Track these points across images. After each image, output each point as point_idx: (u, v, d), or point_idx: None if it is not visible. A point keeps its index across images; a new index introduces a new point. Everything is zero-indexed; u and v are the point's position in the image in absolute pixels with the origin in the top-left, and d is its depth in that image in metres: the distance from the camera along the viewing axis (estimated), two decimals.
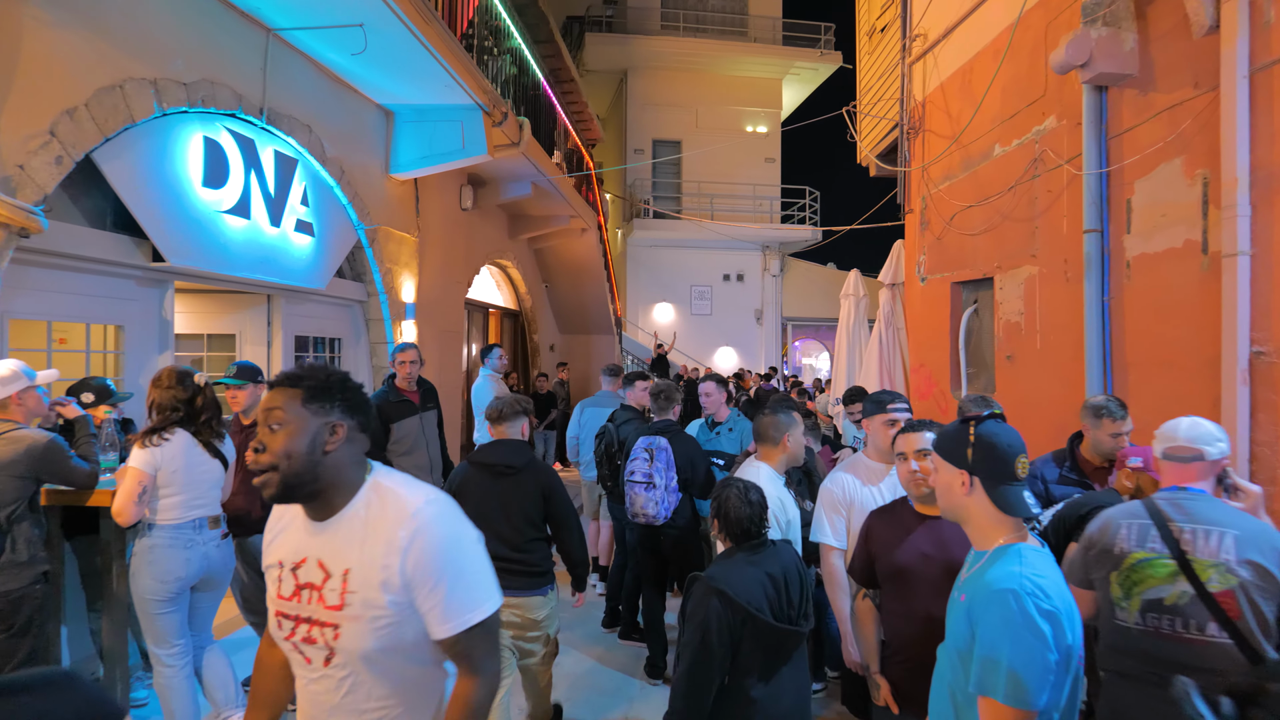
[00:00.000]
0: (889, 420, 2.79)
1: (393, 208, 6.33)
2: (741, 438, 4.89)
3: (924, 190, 7.12)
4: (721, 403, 4.97)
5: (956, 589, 1.81)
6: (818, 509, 2.91)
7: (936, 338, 6.81)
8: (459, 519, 1.46)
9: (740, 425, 4.89)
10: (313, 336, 5.68)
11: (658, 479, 4.19)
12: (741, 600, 2.18)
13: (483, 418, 6.07)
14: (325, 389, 1.43)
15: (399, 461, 4.33)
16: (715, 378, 5.02)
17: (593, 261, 12.27)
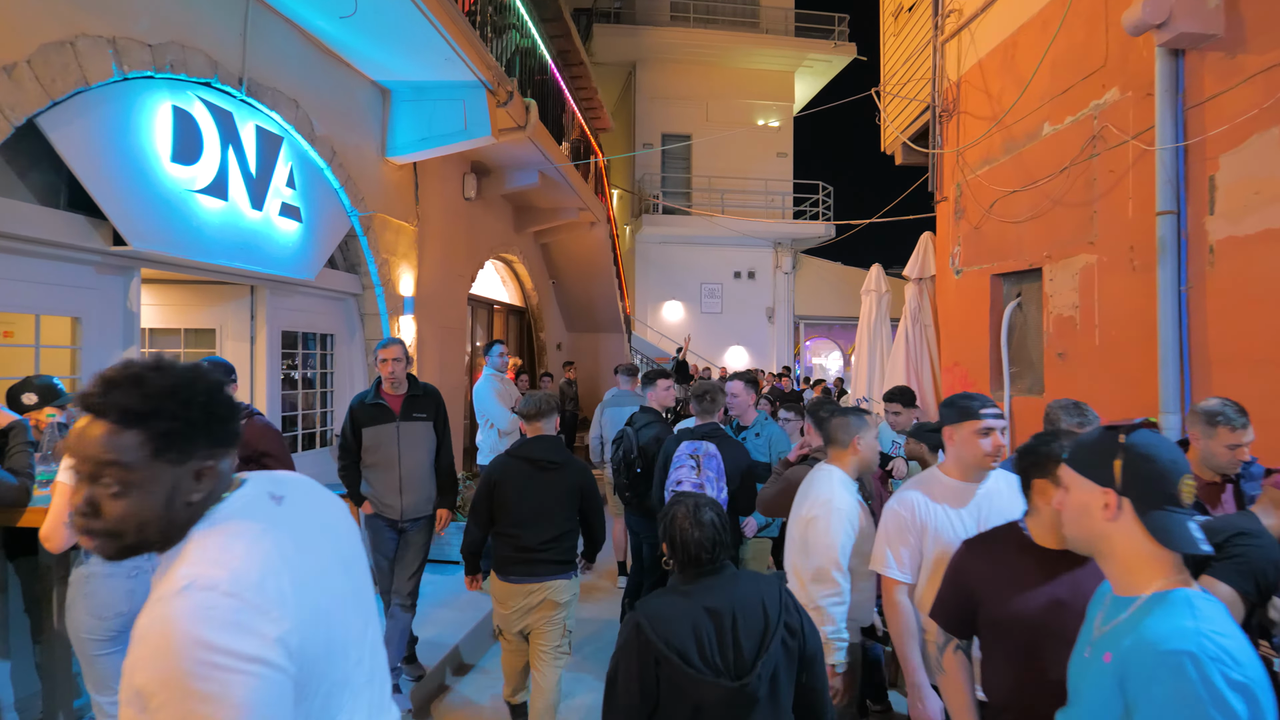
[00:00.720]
0: (982, 430, 2.30)
1: (390, 194, 5.88)
2: (771, 444, 4.42)
3: (959, 176, 6.64)
4: (749, 405, 4.50)
5: (1088, 642, 1.37)
6: (879, 534, 2.44)
7: (973, 334, 6.33)
8: (226, 625, 0.93)
9: (769, 430, 4.43)
10: (302, 332, 5.24)
11: (710, 490, 3.69)
12: (654, 636, 1.76)
13: (482, 421, 5.63)
14: (185, 428, 1.01)
15: (366, 474, 3.91)
16: (744, 376, 4.55)
17: (602, 257, 11.81)
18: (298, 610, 1.01)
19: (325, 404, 5.62)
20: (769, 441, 4.41)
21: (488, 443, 5.47)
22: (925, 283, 8.31)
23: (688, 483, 3.70)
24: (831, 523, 2.64)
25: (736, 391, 4.44)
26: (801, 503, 2.86)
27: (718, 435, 3.93)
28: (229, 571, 0.96)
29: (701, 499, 2.01)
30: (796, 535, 2.84)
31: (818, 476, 2.83)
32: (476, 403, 5.48)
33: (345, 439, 3.90)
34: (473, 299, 9.15)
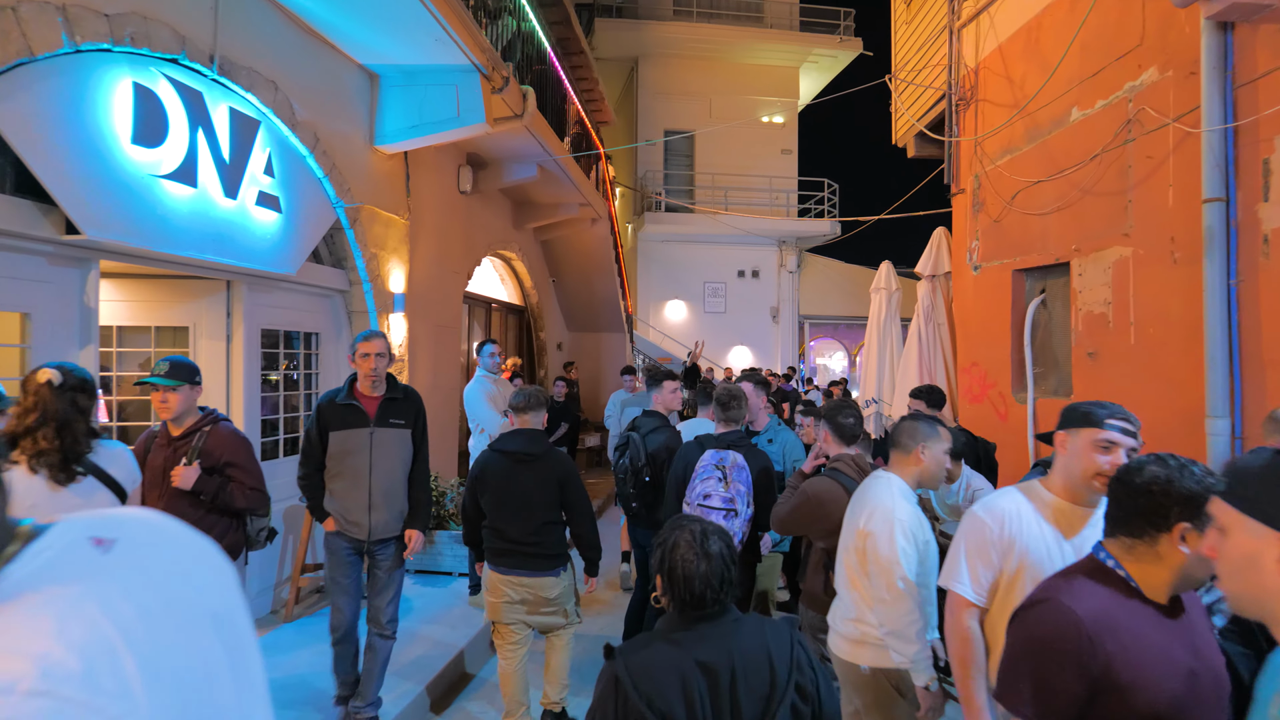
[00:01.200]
0: (1102, 442, 1.85)
1: (378, 185, 5.58)
2: (785, 451, 4.10)
3: (977, 168, 6.32)
4: (760, 408, 4.18)
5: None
6: (955, 545, 2.10)
7: (993, 333, 6.01)
8: None
9: (783, 436, 4.11)
10: (284, 330, 4.94)
11: (740, 504, 3.40)
12: (635, 694, 1.47)
13: (474, 425, 5.33)
14: None
15: (331, 486, 3.45)
16: (752, 377, 4.23)
17: (603, 254, 11.51)
18: (150, 701, 0.68)
19: (309, 407, 5.32)
20: (783, 449, 4.10)
21: (479, 448, 5.17)
22: (939, 280, 8.01)
23: (716, 496, 3.40)
24: (895, 535, 2.35)
25: (746, 394, 4.13)
26: (856, 515, 2.56)
27: (744, 445, 3.62)
28: (34, 661, 0.64)
29: (710, 526, 1.70)
30: (853, 555, 2.53)
31: (875, 486, 2.52)
32: (467, 406, 5.18)
33: (309, 443, 3.44)
34: (469, 297, 8.85)
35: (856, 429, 3.26)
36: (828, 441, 3.26)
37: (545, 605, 3.38)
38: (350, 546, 3.46)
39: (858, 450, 3.27)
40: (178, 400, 3.03)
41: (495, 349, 5.26)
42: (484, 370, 5.24)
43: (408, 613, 4.96)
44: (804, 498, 3.09)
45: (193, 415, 3.10)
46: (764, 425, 4.14)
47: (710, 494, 3.41)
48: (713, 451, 3.55)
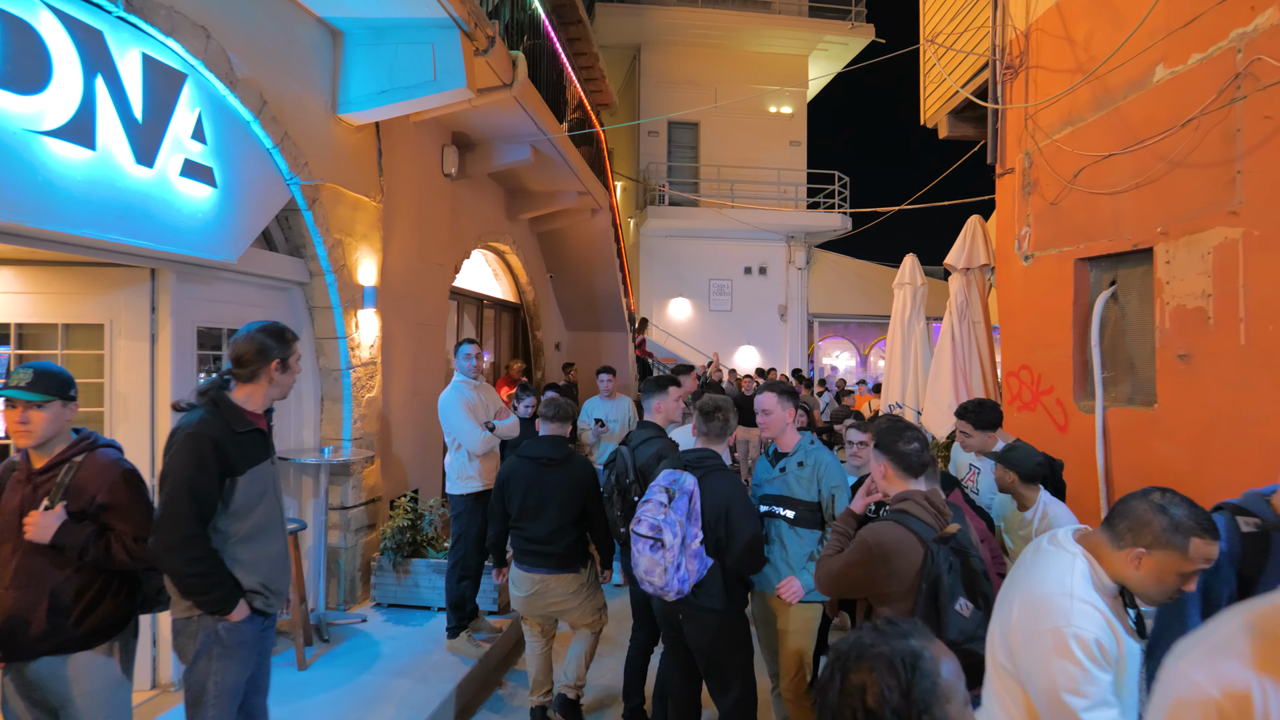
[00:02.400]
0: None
1: (344, 161, 4.83)
2: (820, 477, 3.28)
3: (1028, 144, 5.57)
4: (787, 423, 3.38)
5: None
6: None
7: (1049, 332, 5.26)
8: None
9: (816, 458, 3.29)
10: (227, 329, 4.19)
11: (668, 534, 2.81)
12: None
13: (450, 440, 4.56)
14: None
15: (240, 551, 2.38)
16: (779, 386, 3.42)
17: (604, 248, 10.76)
18: None
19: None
20: (816, 473, 3.27)
21: (456, 466, 4.41)
22: (973, 273, 7.27)
23: (647, 521, 2.84)
24: (1066, 657, 1.55)
25: (769, 407, 3.28)
26: (1013, 592, 1.77)
27: (705, 465, 2.98)
28: None
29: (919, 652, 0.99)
30: (1000, 652, 1.76)
31: (1052, 562, 1.71)
32: (442, 417, 4.42)
33: (197, 497, 2.29)
34: (457, 293, 8.11)
35: (923, 456, 2.48)
36: (888, 478, 2.49)
37: (566, 601, 3.61)
38: (261, 632, 2.48)
39: (927, 484, 2.50)
40: (43, 421, 2.29)
41: (473, 349, 4.49)
42: (461, 375, 4.48)
43: (373, 661, 4.22)
44: (864, 550, 2.33)
45: (63, 441, 2.35)
46: (793, 445, 3.34)
47: (641, 518, 2.88)
48: (668, 471, 2.99)
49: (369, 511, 5.18)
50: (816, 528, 3.16)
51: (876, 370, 19.58)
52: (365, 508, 5.13)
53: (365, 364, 5.08)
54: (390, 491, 5.60)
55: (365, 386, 5.09)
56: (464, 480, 4.42)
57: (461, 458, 4.39)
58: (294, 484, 4.77)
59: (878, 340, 19.30)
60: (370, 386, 5.15)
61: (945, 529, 2.29)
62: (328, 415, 4.94)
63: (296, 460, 4.43)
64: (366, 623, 4.76)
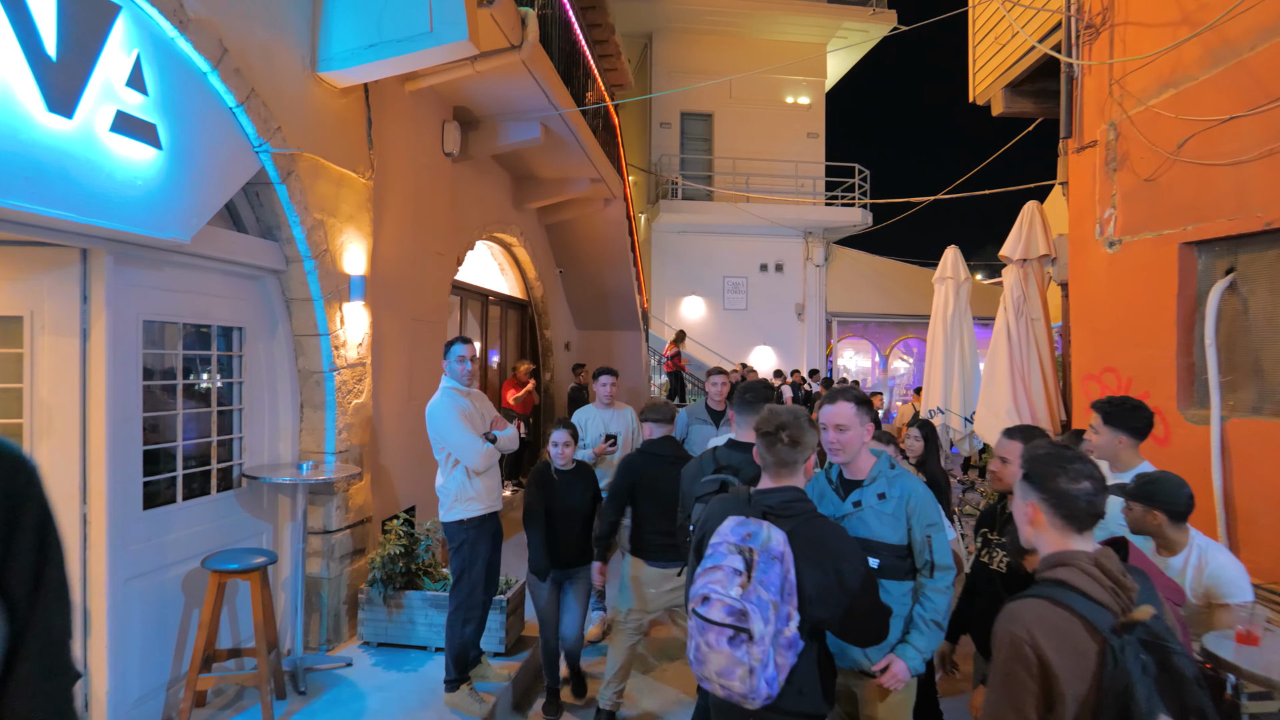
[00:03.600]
0: None
1: (326, 128, 4.15)
2: (909, 511, 2.52)
3: (1115, 112, 4.85)
4: (860, 443, 2.60)
5: None
6: None
7: (1143, 327, 4.54)
8: None
9: (902, 487, 2.51)
10: (183, 325, 3.51)
11: (756, 622, 1.90)
12: None
13: (441, 455, 3.84)
14: None
15: None
16: (855, 395, 2.65)
17: (617, 241, 10.07)
18: None
19: (233, 428, 3.89)
20: (904, 507, 2.51)
21: (452, 489, 3.69)
22: (1031, 265, 6.59)
23: (719, 603, 1.92)
24: None
25: (845, 421, 2.48)
26: None
27: (800, 511, 2.12)
28: None
29: None
30: None
31: None
32: (432, 427, 3.69)
33: None
34: (460, 287, 7.42)
35: (1096, 503, 1.73)
36: (1038, 526, 1.75)
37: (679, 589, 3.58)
38: None
39: (1095, 542, 1.76)
40: None
41: (467, 350, 3.76)
42: (452, 380, 3.76)
43: (358, 719, 3.53)
44: (1011, 648, 1.59)
45: None
46: (869, 469, 2.59)
47: (711, 596, 1.93)
48: (737, 521, 2.07)
49: (356, 535, 4.50)
50: (906, 578, 2.45)
51: (894, 373, 18.87)
52: (352, 531, 4.45)
53: (352, 365, 4.39)
54: (382, 511, 4.92)
55: (352, 391, 4.40)
56: (464, 504, 3.72)
57: (459, 477, 3.68)
58: (267, 506, 4.09)
59: (898, 340, 18.58)
60: (358, 391, 4.46)
61: (1131, 612, 1.56)
62: (308, 425, 4.26)
63: (268, 479, 3.74)
64: (352, 666, 4.07)
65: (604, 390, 4.89)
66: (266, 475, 3.77)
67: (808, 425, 2.20)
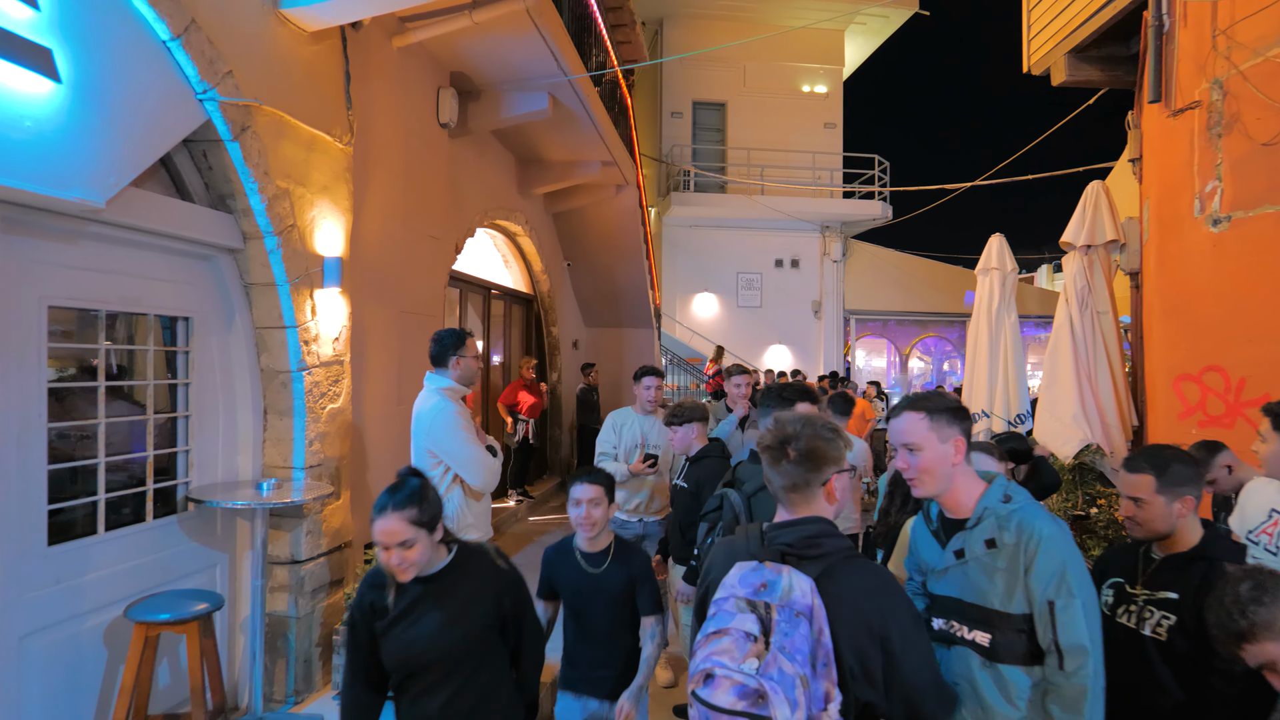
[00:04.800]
0: None
1: (292, 80, 3.47)
2: (1028, 563, 1.71)
3: (1219, 69, 4.13)
4: (947, 466, 1.73)
5: None
6: None
7: (1258, 319, 3.83)
8: None
9: (1023, 530, 1.66)
10: (106, 313, 2.83)
11: (780, 708, 1.31)
12: None
13: (438, 469, 3.13)
14: None
15: None
16: (933, 403, 1.84)
17: (629, 232, 9.37)
18: None
19: (177, 439, 3.21)
20: (1021, 557, 1.69)
21: (450, 511, 3.01)
22: (1096, 252, 5.89)
23: (727, 680, 1.37)
24: None
25: (916, 439, 1.76)
26: None
27: (831, 551, 1.56)
28: None
29: None
30: None
31: None
32: (430, 438, 3.01)
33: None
34: (459, 278, 6.74)
35: None
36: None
37: None
38: None
39: None
40: None
41: (466, 349, 3.08)
42: (449, 380, 3.08)
43: None
44: None
45: None
46: (974, 505, 1.81)
47: (717, 673, 1.38)
48: (746, 568, 1.54)
49: (332, 564, 3.81)
50: (1032, 663, 1.71)
51: (912, 372, 18.16)
52: (327, 559, 3.77)
53: (326, 364, 3.71)
54: (365, 533, 4.23)
55: (326, 394, 3.72)
56: (463, 532, 3.02)
57: (457, 500, 3.00)
58: (221, 533, 3.41)
59: (919, 339, 17.87)
60: (334, 394, 3.78)
61: None
62: (273, 435, 3.57)
63: (214, 503, 3.05)
64: None
65: (647, 394, 4.11)
66: (215, 498, 3.09)
67: (827, 435, 1.61)
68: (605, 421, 4.19)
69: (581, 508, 2.40)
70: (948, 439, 1.76)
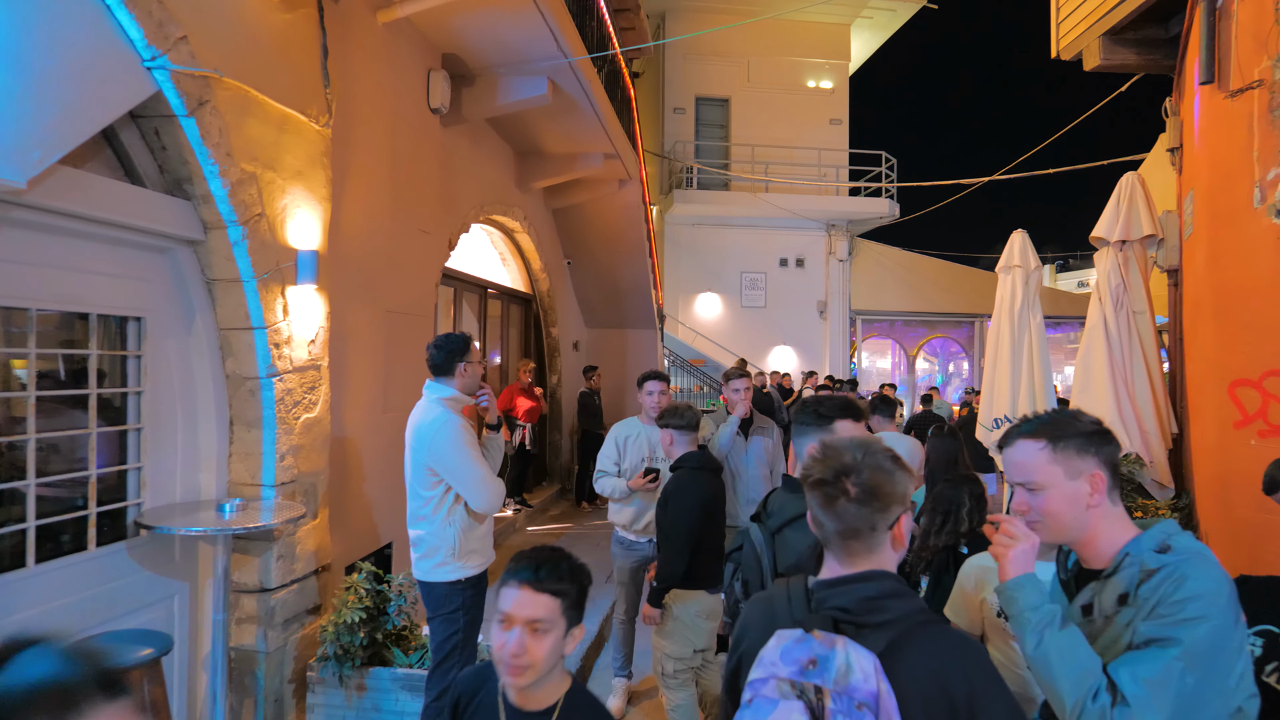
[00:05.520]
0: None
1: (261, 50, 3.10)
2: (1156, 604, 1.38)
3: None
4: (1079, 508, 1.34)
5: None
6: None
7: None
8: None
9: (1174, 580, 1.37)
10: (38, 310, 2.46)
11: None
12: None
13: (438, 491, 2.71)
14: None
15: None
16: (1059, 427, 1.44)
17: (633, 228, 9.00)
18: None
19: (127, 456, 2.84)
20: (1152, 608, 1.35)
21: (447, 538, 2.65)
22: (1132, 248, 5.58)
23: None
24: None
25: (1040, 478, 1.41)
26: None
27: (896, 617, 1.21)
28: None
29: None
30: None
31: None
32: (432, 455, 2.64)
33: None
34: (454, 276, 6.37)
35: None
36: None
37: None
38: None
39: None
40: None
41: (470, 359, 2.72)
42: (453, 390, 2.72)
43: None
44: None
45: None
46: (1115, 555, 1.43)
47: None
48: (792, 639, 1.18)
49: (308, 590, 3.44)
50: None
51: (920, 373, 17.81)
52: (301, 585, 3.39)
53: (301, 369, 3.33)
54: (348, 553, 3.87)
55: (301, 403, 3.34)
56: (464, 558, 2.69)
57: (460, 523, 2.65)
58: (180, 560, 3.03)
59: (926, 340, 17.52)
60: (309, 403, 3.40)
61: None
62: (240, 448, 3.20)
63: (164, 529, 2.68)
64: None
65: (651, 400, 3.72)
66: (169, 522, 2.71)
67: (889, 466, 1.27)
68: (608, 435, 3.83)
69: (513, 634, 1.36)
70: (1079, 474, 1.39)
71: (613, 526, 3.84)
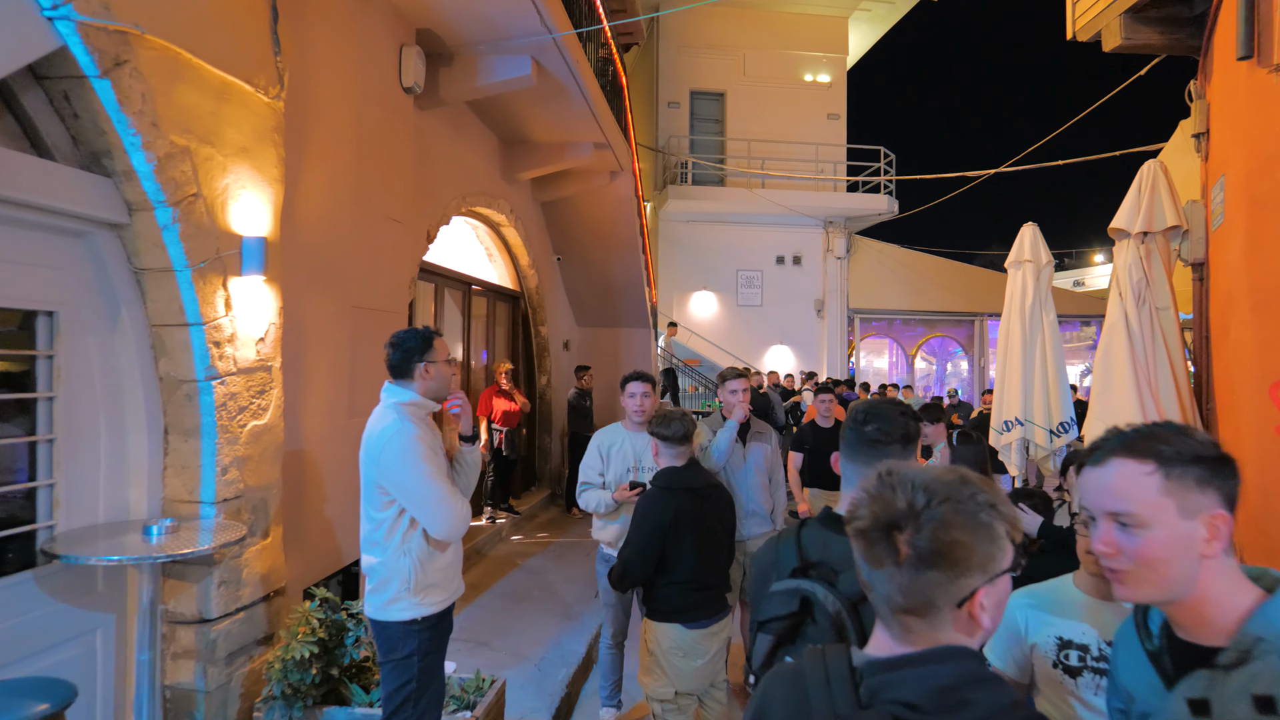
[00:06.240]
0: None
1: (194, 7, 2.72)
2: None
3: None
4: (1187, 558, 0.97)
5: None
6: None
7: None
8: None
9: None
10: None
11: None
12: None
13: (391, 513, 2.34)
14: None
15: None
16: (1168, 450, 1.05)
17: (625, 222, 8.63)
18: None
19: (37, 472, 2.46)
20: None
21: (403, 570, 2.27)
22: (1154, 240, 5.23)
23: None
24: None
25: (1136, 509, 1.07)
26: None
27: (980, 715, 0.85)
28: None
29: None
30: None
31: None
32: (382, 472, 2.27)
33: None
34: (434, 271, 6.00)
35: None
36: None
37: (722, 652, 2.83)
38: None
39: None
40: None
41: (435, 358, 2.36)
42: (413, 394, 2.36)
43: None
44: None
45: None
46: (1238, 625, 1.06)
47: None
48: None
49: (254, 619, 3.06)
50: None
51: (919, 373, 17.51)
52: (249, 613, 3.01)
53: (247, 370, 2.96)
54: (307, 574, 3.50)
55: (248, 409, 2.97)
56: (420, 594, 2.31)
57: (418, 551, 2.27)
58: (104, 588, 2.65)
59: (925, 339, 17.22)
60: (258, 408, 3.02)
61: None
62: (175, 461, 2.82)
63: (71, 558, 2.30)
64: None
65: (634, 404, 3.38)
66: (78, 550, 2.33)
67: (971, 515, 0.92)
68: (590, 443, 3.47)
69: None
70: (1197, 512, 1.03)
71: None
